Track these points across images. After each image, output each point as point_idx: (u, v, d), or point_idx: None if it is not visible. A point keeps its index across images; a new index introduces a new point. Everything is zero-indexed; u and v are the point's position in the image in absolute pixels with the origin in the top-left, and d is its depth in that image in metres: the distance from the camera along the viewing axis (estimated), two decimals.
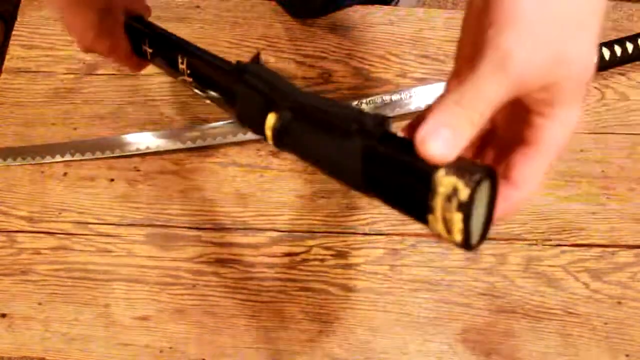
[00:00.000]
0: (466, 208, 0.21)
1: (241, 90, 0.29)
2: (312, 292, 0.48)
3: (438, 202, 0.21)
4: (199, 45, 0.57)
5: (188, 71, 0.35)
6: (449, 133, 0.21)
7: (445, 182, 0.21)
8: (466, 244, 0.22)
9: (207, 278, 0.49)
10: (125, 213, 0.51)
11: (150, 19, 0.59)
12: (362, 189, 0.25)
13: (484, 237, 0.23)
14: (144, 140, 0.52)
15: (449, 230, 0.22)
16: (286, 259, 0.49)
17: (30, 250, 0.50)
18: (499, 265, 0.49)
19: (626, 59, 0.54)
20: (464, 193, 0.21)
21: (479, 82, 0.22)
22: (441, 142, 0.21)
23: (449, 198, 0.21)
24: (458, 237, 0.21)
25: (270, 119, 0.27)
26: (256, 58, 0.30)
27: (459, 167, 0.21)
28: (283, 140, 0.27)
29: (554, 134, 0.24)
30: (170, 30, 0.57)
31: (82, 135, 0.54)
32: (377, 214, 0.50)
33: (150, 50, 0.38)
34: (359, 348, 0.47)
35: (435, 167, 0.21)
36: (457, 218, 0.21)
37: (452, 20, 0.58)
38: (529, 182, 0.25)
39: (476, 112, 0.22)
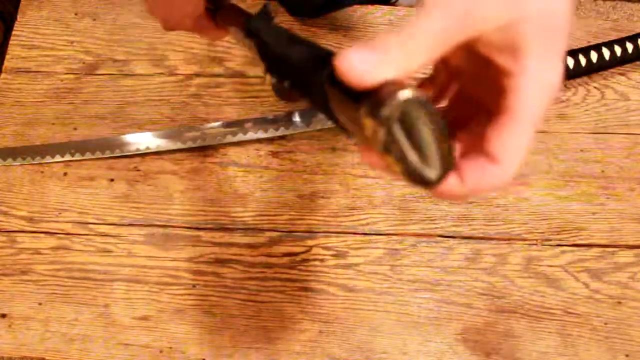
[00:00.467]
0: (391, 147, 0.19)
1: (253, 50, 0.30)
2: (312, 292, 0.48)
3: (372, 145, 0.19)
4: (199, 44, 0.57)
5: (236, 34, 0.36)
6: (373, 53, 0.19)
7: (366, 122, 0.19)
8: (421, 182, 0.20)
9: (207, 278, 0.49)
10: (125, 213, 0.51)
11: (149, 20, 0.59)
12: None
13: (447, 166, 0.20)
14: (144, 140, 0.52)
15: (395, 173, 0.20)
16: (286, 259, 0.49)
17: (30, 250, 0.50)
18: (499, 265, 0.49)
19: (626, 59, 0.54)
20: (380, 133, 0.18)
21: (420, 12, 0.20)
22: (360, 57, 0.19)
23: (375, 140, 0.19)
24: (405, 178, 0.20)
25: (267, 79, 0.28)
26: (264, 9, 0.30)
27: (379, 100, 0.19)
28: (282, 97, 0.28)
29: (527, 96, 0.21)
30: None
31: (82, 135, 0.54)
32: (377, 214, 0.50)
33: (221, 23, 0.38)
34: (359, 348, 0.47)
35: (361, 104, 0.19)
36: (390, 160, 0.19)
37: None
38: (508, 155, 0.22)
39: (412, 40, 0.20)
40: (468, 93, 0.26)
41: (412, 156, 0.19)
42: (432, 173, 0.20)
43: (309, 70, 0.24)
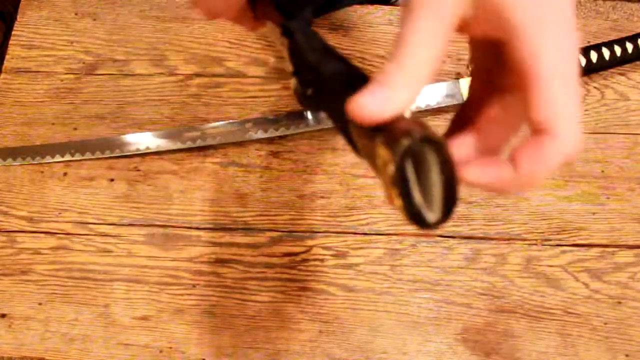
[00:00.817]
0: (398, 182, 0.19)
1: (284, 50, 0.31)
2: (312, 292, 0.48)
3: (380, 175, 0.20)
4: (199, 44, 0.57)
5: (272, 30, 0.36)
6: (381, 90, 0.20)
7: (380, 152, 0.19)
8: (418, 222, 0.20)
9: (207, 278, 0.49)
10: (125, 213, 0.51)
11: (149, 20, 0.59)
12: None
13: (447, 213, 0.20)
14: (144, 140, 0.52)
15: (396, 206, 0.20)
16: (286, 259, 0.49)
17: (30, 250, 0.50)
18: (498, 265, 0.49)
19: (626, 59, 0.53)
20: (391, 166, 0.19)
21: (405, 19, 0.20)
22: (371, 99, 0.19)
23: (385, 170, 0.19)
24: (404, 214, 0.20)
25: (293, 83, 0.28)
26: (304, 12, 0.30)
27: (397, 133, 0.19)
28: (302, 102, 0.29)
29: (543, 54, 0.20)
30: (171, 30, 0.58)
31: (82, 135, 0.54)
32: (377, 214, 0.50)
33: (260, 15, 0.38)
34: (359, 348, 0.47)
35: (377, 134, 0.20)
36: (395, 193, 0.19)
37: None
38: (561, 119, 0.20)
39: (410, 57, 0.20)
40: (498, 86, 0.25)
41: (417, 196, 0.20)
42: (431, 216, 0.20)
43: (337, 88, 0.24)
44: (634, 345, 0.46)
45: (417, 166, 0.19)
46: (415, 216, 0.20)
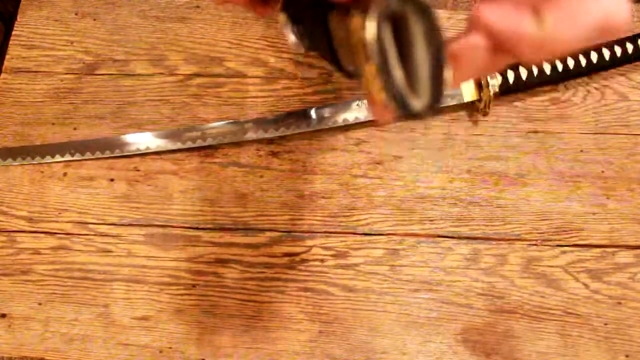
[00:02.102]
0: (374, 54, 0.15)
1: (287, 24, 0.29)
2: (312, 293, 0.48)
3: (355, 52, 0.16)
4: (199, 44, 0.57)
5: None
6: None
7: (355, 24, 0.15)
8: (402, 107, 0.16)
9: (207, 278, 0.49)
10: (125, 213, 0.51)
11: (149, 20, 0.59)
12: (335, 65, 0.21)
13: (436, 97, 0.16)
14: (144, 140, 0.52)
15: (378, 99, 0.16)
16: (286, 259, 0.49)
17: (30, 250, 0.50)
18: (498, 265, 0.49)
19: (626, 59, 0.53)
20: (367, 33, 0.15)
21: None
22: None
23: (360, 48, 0.15)
24: (384, 98, 0.16)
25: (281, 18, 0.26)
26: None
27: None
28: (296, 37, 0.26)
29: None
30: (171, 30, 0.58)
31: (82, 135, 0.54)
32: (377, 214, 0.50)
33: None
34: (359, 348, 0.47)
35: (354, 9, 0.16)
36: (372, 75, 0.16)
37: (452, 20, 0.58)
38: None
39: None
40: None
41: (398, 74, 0.16)
42: (417, 100, 0.16)
43: (315, 4, 0.21)
44: (634, 346, 0.46)
45: (398, 37, 0.16)
46: (398, 100, 0.16)
